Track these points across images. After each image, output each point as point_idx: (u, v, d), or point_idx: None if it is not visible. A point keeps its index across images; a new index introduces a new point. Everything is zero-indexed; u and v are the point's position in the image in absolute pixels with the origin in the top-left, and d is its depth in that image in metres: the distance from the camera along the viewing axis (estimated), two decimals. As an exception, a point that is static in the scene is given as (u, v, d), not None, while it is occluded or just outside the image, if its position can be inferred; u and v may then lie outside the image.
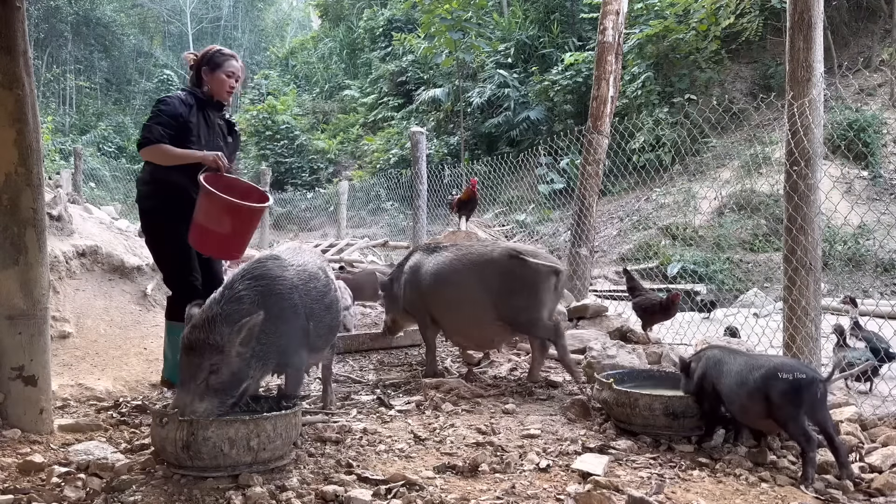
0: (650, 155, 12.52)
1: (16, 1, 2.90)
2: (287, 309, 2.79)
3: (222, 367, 2.50)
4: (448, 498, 2.28)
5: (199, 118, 3.70)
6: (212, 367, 2.48)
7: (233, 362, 2.53)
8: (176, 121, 3.57)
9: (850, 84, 11.33)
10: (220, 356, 2.49)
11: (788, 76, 3.65)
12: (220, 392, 2.50)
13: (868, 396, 3.40)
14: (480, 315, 3.89)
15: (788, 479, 2.50)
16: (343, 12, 27.04)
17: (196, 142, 3.65)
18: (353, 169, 20.97)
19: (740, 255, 10.50)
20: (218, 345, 2.49)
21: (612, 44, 5.85)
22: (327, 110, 25.03)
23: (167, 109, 3.58)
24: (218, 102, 3.82)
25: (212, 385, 2.49)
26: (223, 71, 3.74)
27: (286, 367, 2.88)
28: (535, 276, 3.78)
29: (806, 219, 3.54)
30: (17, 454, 2.68)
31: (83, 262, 5.01)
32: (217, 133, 3.81)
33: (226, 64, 3.76)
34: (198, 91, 3.77)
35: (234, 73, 3.78)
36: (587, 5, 15.29)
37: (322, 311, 3.03)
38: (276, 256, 2.94)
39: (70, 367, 4.16)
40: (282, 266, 2.87)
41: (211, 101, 3.78)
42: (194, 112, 3.68)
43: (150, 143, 3.52)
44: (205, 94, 3.77)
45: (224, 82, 3.76)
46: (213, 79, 3.76)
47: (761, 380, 2.58)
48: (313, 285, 2.98)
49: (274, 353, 2.74)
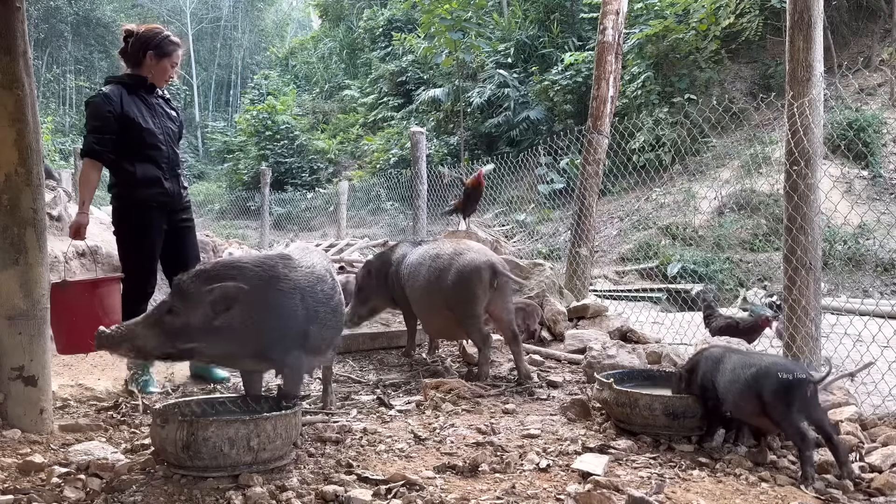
0: (650, 155, 12.52)
1: (16, 1, 2.90)
2: (284, 307, 2.75)
3: (181, 314, 2.53)
4: (448, 498, 2.28)
5: (136, 105, 3.62)
6: (172, 308, 2.54)
7: (193, 316, 2.54)
8: (104, 121, 3.52)
9: (850, 84, 11.33)
10: (184, 302, 2.54)
11: (788, 76, 3.65)
12: (166, 334, 2.53)
13: (869, 396, 3.40)
14: (437, 305, 4.14)
15: (788, 479, 2.50)
16: (343, 12, 27.04)
17: (146, 131, 3.60)
18: (353, 169, 20.98)
19: (740, 255, 10.50)
20: (188, 292, 2.55)
21: (612, 44, 5.85)
22: (327, 110, 25.04)
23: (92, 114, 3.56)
24: (151, 84, 3.72)
25: (163, 322, 2.52)
26: (170, 61, 3.70)
27: (282, 365, 2.85)
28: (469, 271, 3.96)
29: (806, 218, 3.54)
30: (17, 454, 2.68)
31: (83, 262, 5.01)
32: (160, 113, 3.75)
33: (174, 54, 3.72)
34: (123, 77, 3.68)
35: (177, 62, 3.74)
36: (587, 5, 15.29)
37: (328, 314, 2.97)
38: (286, 256, 2.91)
39: (70, 367, 4.16)
40: (290, 266, 2.83)
41: (142, 84, 3.68)
42: (127, 101, 3.59)
43: (84, 154, 3.57)
44: (134, 77, 3.67)
45: (167, 71, 3.71)
46: (156, 66, 3.68)
47: (752, 378, 2.60)
48: (320, 288, 2.93)
49: (255, 343, 2.68)
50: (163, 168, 3.69)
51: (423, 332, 5.42)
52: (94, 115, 3.55)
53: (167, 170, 3.72)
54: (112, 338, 2.51)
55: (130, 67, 3.73)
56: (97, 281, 3.68)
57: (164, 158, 3.71)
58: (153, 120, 3.66)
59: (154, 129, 3.65)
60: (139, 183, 3.62)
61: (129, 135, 3.56)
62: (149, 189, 3.64)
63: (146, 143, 3.64)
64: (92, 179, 3.61)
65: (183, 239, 3.85)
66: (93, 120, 3.55)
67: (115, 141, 3.54)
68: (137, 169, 3.60)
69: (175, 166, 3.79)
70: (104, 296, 3.49)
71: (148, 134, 3.62)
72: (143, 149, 3.63)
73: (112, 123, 3.53)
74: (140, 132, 3.59)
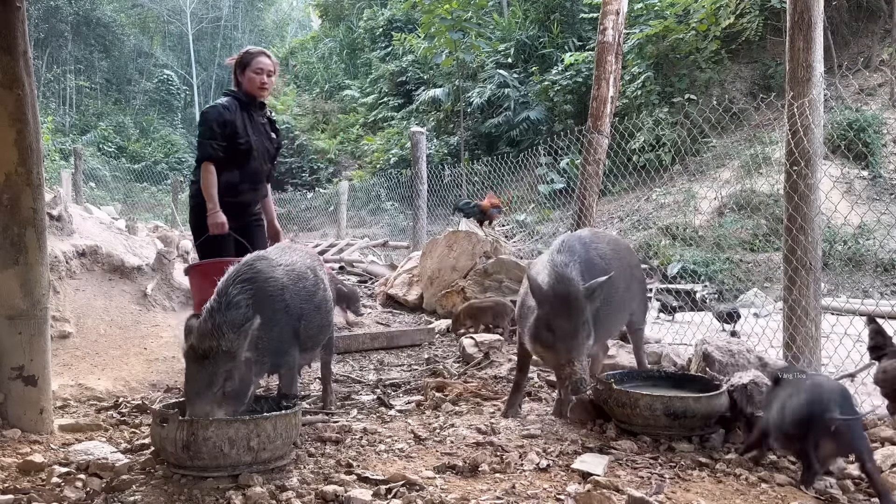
0: (650, 155, 12.51)
1: (16, 1, 2.90)
2: (279, 310, 2.82)
3: (235, 373, 2.52)
4: (448, 498, 2.28)
5: (243, 119, 3.89)
6: (226, 373, 2.50)
7: (242, 367, 2.55)
8: (222, 128, 3.79)
9: (850, 84, 11.32)
10: (232, 362, 2.51)
11: (788, 76, 3.65)
12: (234, 398, 2.53)
13: (869, 396, 3.40)
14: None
15: (788, 479, 2.50)
16: (343, 12, 27.02)
17: (244, 142, 3.85)
18: (353, 169, 20.97)
19: (740, 255, 10.49)
20: (231, 351, 2.50)
21: (612, 44, 5.84)
22: (327, 110, 25.02)
23: (210, 119, 3.81)
24: (260, 102, 4.01)
25: (227, 392, 2.50)
26: (251, 69, 3.93)
27: (280, 367, 2.89)
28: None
29: (806, 219, 3.54)
30: (17, 454, 2.68)
31: (83, 262, 5.00)
32: (262, 132, 4.01)
33: (253, 62, 3.95)
34: (237, 93, 3.95)
35: (264, 68, 3.95)
36: (587, 5, 15.28)
37: (312, 311, 3.06)
38: (263, 256, 2.96)
39: (70, 367, 4.15)
40: (271, 266, 2.89)
41: (253, 102, 3.97)
42: (237, 114, 3.87)
43: (203, 159, 3.82)
44: (245, 94, 3.95)
45: (254, 79, 3.94)
46: (245, 78, 3.95)
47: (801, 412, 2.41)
48: (302, 285, 3.01)
49: (269, 354, 2.75)
50: (246, 180, 3.94)
51: (423, 331, 5.43)
52: (209, 122, 3.84)
53: (249, 182, 3.97)
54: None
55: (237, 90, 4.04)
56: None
57: (252, 172, 3.95)
58: (254, 136, 3.93)
59: (253, 142, 3.91)
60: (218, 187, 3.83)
61: (229, 143, 3.83)
62: (222, 195, 3.84)
63: (239, 154, 3.88)
64: (214, 180, 3.83)
65: (252, 235, 4.05)
66: (207, 127, 3.83)
67: (224, 147, 3.82)
68: (223, 175, 3.84)
69: (258, 182, 4.04)
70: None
71: (244, 146, 3.88)
72: (235, 158, 3.88)
73: (224, 129, 3.82)
74: (238, 143, 3.85)
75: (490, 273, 6.07)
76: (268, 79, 3.96)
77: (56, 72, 28.10)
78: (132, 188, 20.87)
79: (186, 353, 2.55)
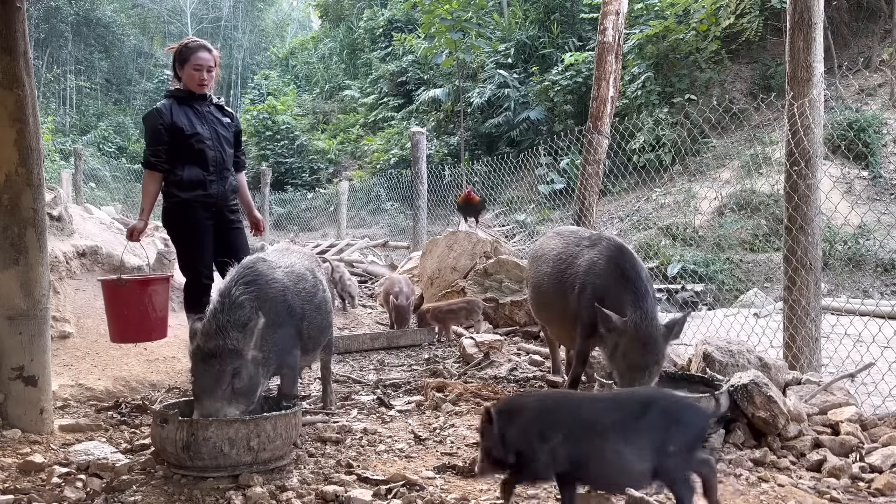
0: (650, 155, 12.50)
1: (16, 1, 2.90)
2: (281, 310, 2.84)
3: (243, 371, 2.53)
4: (448, 498, 2.28)
5: (186, 114, 3.78)
6: (234, 371, 2.51)
7: (250, 366, 2.57)
8: (160, 134, 3.72)
9: (850, 84, 11.32)
10: (239, 360, 2.53)
11: (788, 76, 3.65)
12: (242, 396, 2.54)
13: (869, 396, 3.40)
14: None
15: (788, 479, 2.50)
16: (343, 12, 27.02)
17: (193, 135, 3.75)
18: (353, 169, 20.97)
19: (740, 255, 10.49)
20: (237, 349, 2.52)
21: (612, 44, 5.84)
22: (327, 110, 25.02)
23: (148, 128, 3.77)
24: (202, 94, 3.86)
25: (236, 390, 2.51)
26: (191, 65, 3.79)
27: (282, 367, 2.90)
28: None
29: (806, 219, 3.54)
30: (17, 454, 2.68)
31: (83, 262, 5.00)
32: (211, 120, 3.88)
33: (192, 58, 3.80)
34: (176, 91, 3.85)
35: (203, 65, 3.80)
36: (587, 5, 15.28)
37: (312, 311, 3.08)
38: (263, 258, 2.99)
39: (70, 367, 4.15)
40: (271, 267, 2.92)
41: (193, 95, 3.83)
42: (178, 112, 3.76)
43: (144, 166, 3.81)
44: (181, 90, 3.84)
45: (193, 76, 3.80)
46: (184, 73, 3.82)
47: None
48: (302, 286, 3.04)
49: (275, 354, 2.76)
50: (210, 170, 3.85)
51: (423, 331, 5.43)
52: (148, 130, 3.78)
53: (214, 172, 3.88)
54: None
55: (178, 83, 3.95)
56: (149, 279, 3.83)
57: (211, 161, 3.86)
58: (201, 126, 3.82)
59: (202, 133, 3.81)
60: (184, 185, 3.79)
61: (178, 142, 3.75)
62: (192, 191, 3.80)
63: (193, 149, 3.80)
64: (150, 189, 3.81)
65: (232, 241, 3.99)
66: (148, 134, 3.79)
67: (168, 151, 3.75)
68: (185, 172, 3.78)
69: (223, 169, 3.94)
70: (153, 293, 3.67)
71: (195, 139, 3.79)
72: (191, 153, 3.80)
73: (163, 135, 3.73)
74: (187, 139, 3.76)
75: (490, 273, 6.07)
76: (207, 75, 3.81)
77: (56, 72, 28.10)
78: (132, 188, 20.87)
79: (193, 354, 2.56)
